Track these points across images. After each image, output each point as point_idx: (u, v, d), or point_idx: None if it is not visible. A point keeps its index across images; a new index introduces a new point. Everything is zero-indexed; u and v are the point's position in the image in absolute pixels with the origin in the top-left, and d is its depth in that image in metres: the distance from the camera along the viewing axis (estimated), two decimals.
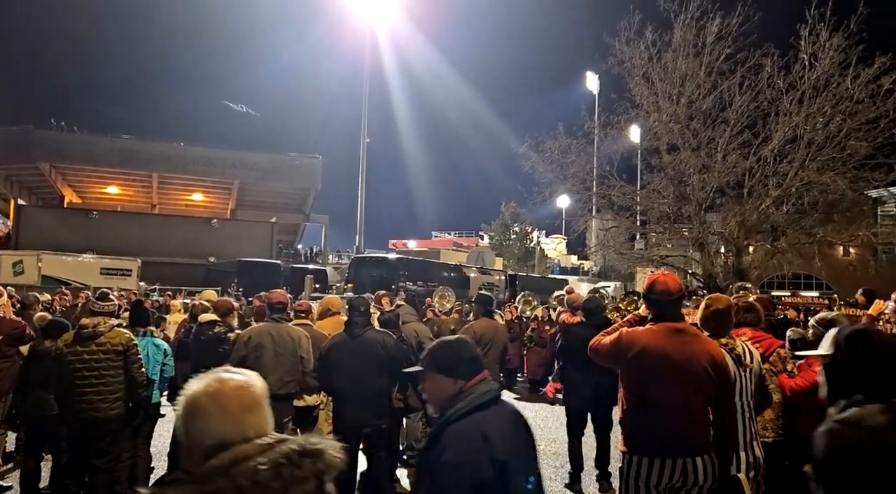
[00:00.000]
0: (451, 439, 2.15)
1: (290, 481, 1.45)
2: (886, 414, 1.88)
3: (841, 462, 1.85)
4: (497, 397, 2.29)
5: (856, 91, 15.13)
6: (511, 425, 2.29)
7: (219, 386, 1.59)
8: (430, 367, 2.33)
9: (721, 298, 4.13)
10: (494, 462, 2.10)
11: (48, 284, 21.59)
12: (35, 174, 37.81)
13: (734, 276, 16.43)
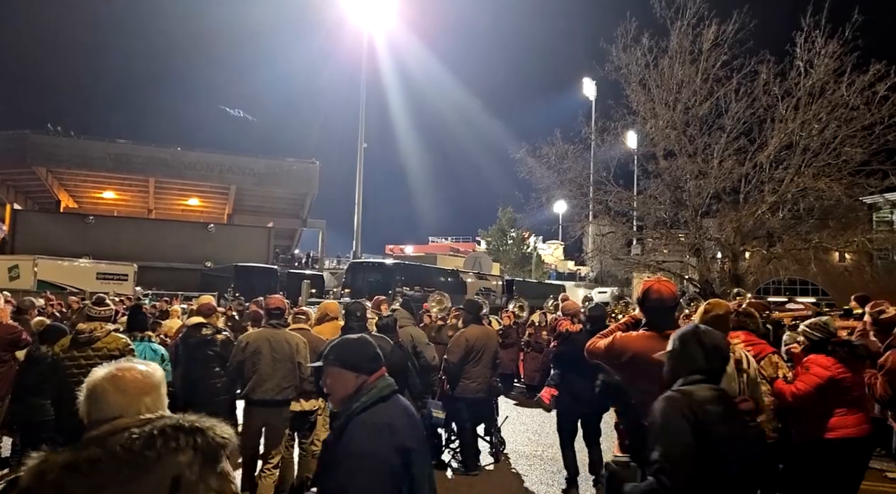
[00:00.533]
0: (360, 430, 2.27)
1: (164, 452, 1.60)
2: (711, 392, 2.46)
3: (672, 421, 2.35)
4: (395, 391, 2.46)
5: (851, 98, 15.20)
6: (409, 417, 2.46)
7: (119, 373, 1.79)
8: (334, 363, 2.45)
9: (721, 304, 4.15)
10: (399, 450, 2.25)
11: (44, 289, 21.54)
12: (31, 179, 37.75)
13: (730, 282, 16.46)
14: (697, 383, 2.49)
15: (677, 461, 2.32)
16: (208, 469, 1.68)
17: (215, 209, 42.57)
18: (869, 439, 4.45)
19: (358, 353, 2.47)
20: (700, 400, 2.41)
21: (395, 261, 30.18)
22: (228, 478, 1.73)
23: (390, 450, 2.25)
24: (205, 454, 1.67)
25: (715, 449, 2.32)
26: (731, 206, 17.44)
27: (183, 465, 1.62)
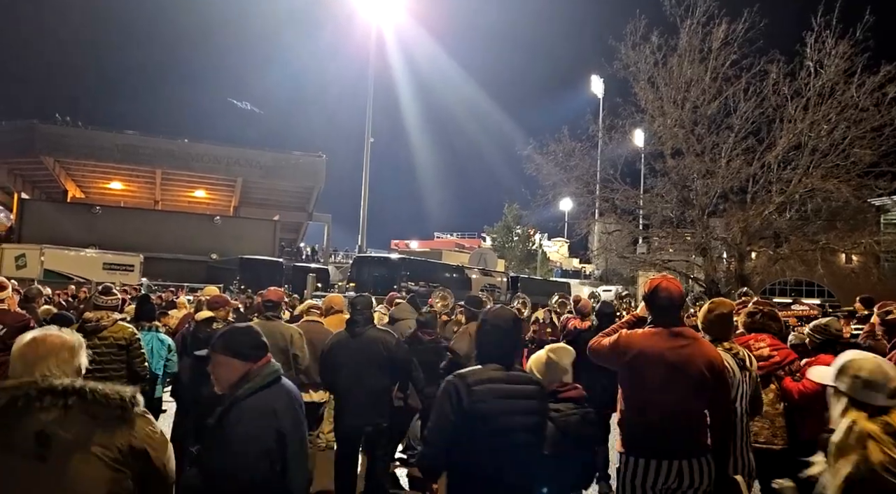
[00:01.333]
0: (246, 414, 2.45)
1: (24, 411, 1.86)
2: (499, 372, 2.74)
3: (440, 401, 2.69)
4: (279, 377, 2.65)
5: (861, 99, 15.12)
6: (290, 401, 2.63)
7: (35, 337, 2.06)
8: (221, 351, 2.63)
9: (725, 302, 4.15)
10: (278, 433, 2.47)
11: (51, 278, 21.66)
12: (39, 168, 37.87)
13: (736, 282, 16.42)
14: (486, 364, 2.78)
15: (435, 434, 2.68)
16: (93, 425, 1.89)
17: (222, 201, 42.65)
18: None
19: (243, 342, 2.64)
20: (473, 381, 2.67)
21: (401, 256, 30.22)
22: (130, 434, 1.95)
23: (270, 433, 2.45)
24: (86, 412, 1.89)
25: (487, 424, 2.61)
26: (738, 206, 17.39)
27: (48, 422, 1.85)
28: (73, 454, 1.87)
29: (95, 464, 1.89)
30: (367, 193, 29.14)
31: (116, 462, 1.93)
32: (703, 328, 3.95)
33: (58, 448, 1.85)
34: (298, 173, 41.30)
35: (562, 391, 3.40)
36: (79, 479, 1.86)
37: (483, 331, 2.94)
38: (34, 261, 24.36)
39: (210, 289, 8.16)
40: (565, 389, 3.40)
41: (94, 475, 1.89)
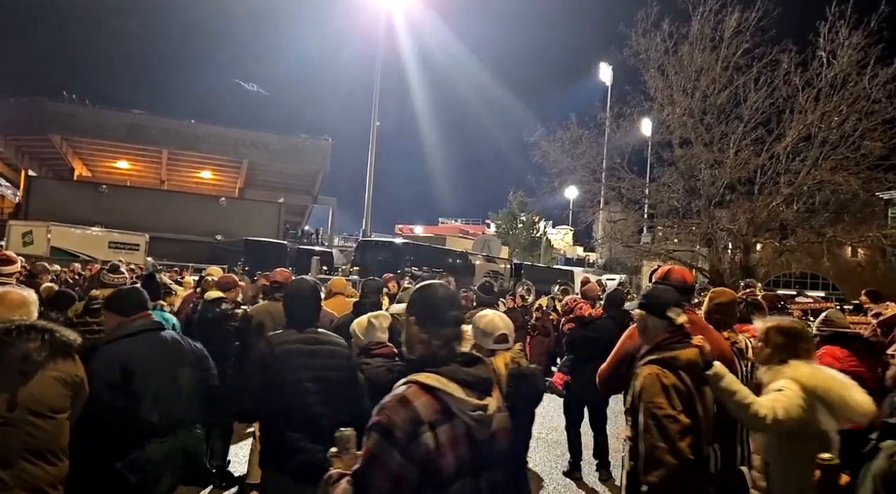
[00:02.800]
0: (97, 355, 3.05)
1: (17, 338, 2.63)
2: (297, 335, 3.35)
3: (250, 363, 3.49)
4: (151, 328, 3.25)
5: (873, 91, 14.96)
6: (156, 346, 3.22)
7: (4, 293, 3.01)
8: (105, 307, 3.43)
9: (725, 292, 4.15)
10: (125, 371, 3.03)
11: (57, 256, 21.76)
12: (46, 146, 37.92)
13: (741, 273, 16.38)
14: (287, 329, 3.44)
15: (248, 388, 3.37)
16: (56, 356, 2.71)
17: (227, 183, 42.67)
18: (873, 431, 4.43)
19: (122, 300, 3.33)
20: (276, 343, 3.30)
21: (405, 241, 30.25)
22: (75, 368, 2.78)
23: (115, 371, 3.02)
24: (53, 346, 2.69)
25: (291, 377, 3.19)
26: (745, 197, 17.29)
27: (31, 349, 2.63)
28: (43, 373, 2.66)
29: (55, 384, 2.69)
30: (372, 177, 29.10)
31: (66, 385, 2.72)
32: (705, 317, 3.95)
33: (34, 368, 2.64)
34: (304, 156, 41.25)
35: (374, 349, 3.81)
36: (44, 392, 2.65)
37: (285, 301, 3.59)
38: (41, 238, 24.47)
39: (214, 270, 8.16)
40: (378, 347, 3.83)
41: (53, 392, 2.68)
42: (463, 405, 1.94)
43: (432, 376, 1.94)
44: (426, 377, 1.94)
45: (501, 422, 2.08)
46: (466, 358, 2.07)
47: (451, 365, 2.00)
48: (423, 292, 2.18)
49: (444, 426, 1.90)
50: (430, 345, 2.04)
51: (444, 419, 1.90)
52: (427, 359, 2.01)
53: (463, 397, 1.95)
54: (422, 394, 1.90)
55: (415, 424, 1.84)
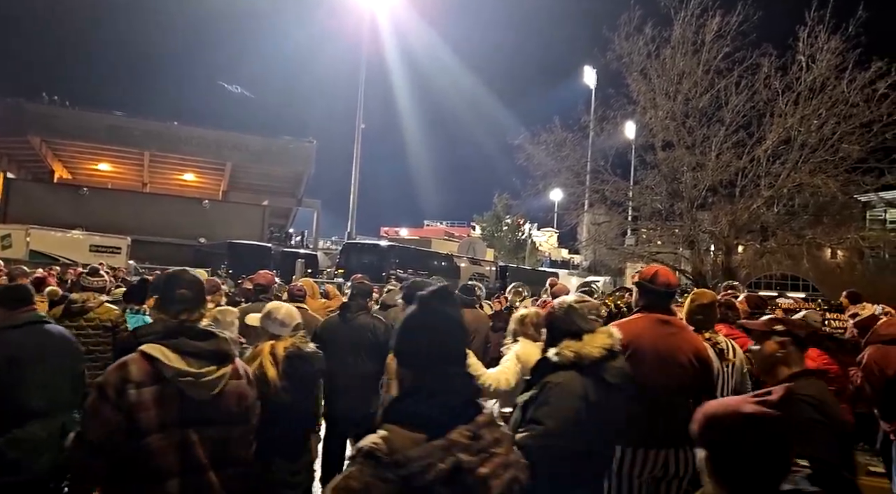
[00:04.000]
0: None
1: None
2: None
3: None
4: (36, 321, 3.58)
5: (851, 94, 15.18)
6: (41, 340, 3.52)
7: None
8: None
9: (706, 293, 4.20)
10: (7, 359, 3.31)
11: (36, 259, 21.47)
12: (25, 148, 37.38)
13: (723, 275, 16.53)
14: None
15: None
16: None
17: (210, 185, 42.33)
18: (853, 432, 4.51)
19: (6, 295, 3.61)
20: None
21: (390, 244, 30.22)
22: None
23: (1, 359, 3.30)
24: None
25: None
26: (726, 199, 17.47)
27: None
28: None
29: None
30: (357, 180, 29.06)
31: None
32: (687, 318, 3.99)
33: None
34: (288, 158, 41.03)
35: None
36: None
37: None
38: (20, 242, 24.11)
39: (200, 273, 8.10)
40: None
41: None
42: (176, 371, 2.38)
43: (156, 346, 2.41)
44: (150, 347, 2.41)
45: (234, 388, 2.54)
46: (197, 333, 2.51)
47: (180, 339, 2.45)
48: (165, 278, 2.74)
49: (152, 387, 2.36)
50: (165, 322, 2.53)
51: (152, 381, 2.37)
52: (161, 333, 2.47)
53: (178, 365, 2.39)
54: (140, 361, 2.38)
55: (123, 383, 2.33)
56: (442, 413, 1.65)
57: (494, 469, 1.65)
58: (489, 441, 1.67)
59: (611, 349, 2.79)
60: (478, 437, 1.65)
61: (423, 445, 1.58)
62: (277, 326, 3.54)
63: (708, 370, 3.41)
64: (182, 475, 2.37)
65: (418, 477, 1.55)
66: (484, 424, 1.69)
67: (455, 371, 1.75)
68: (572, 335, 2.81)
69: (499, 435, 1.72)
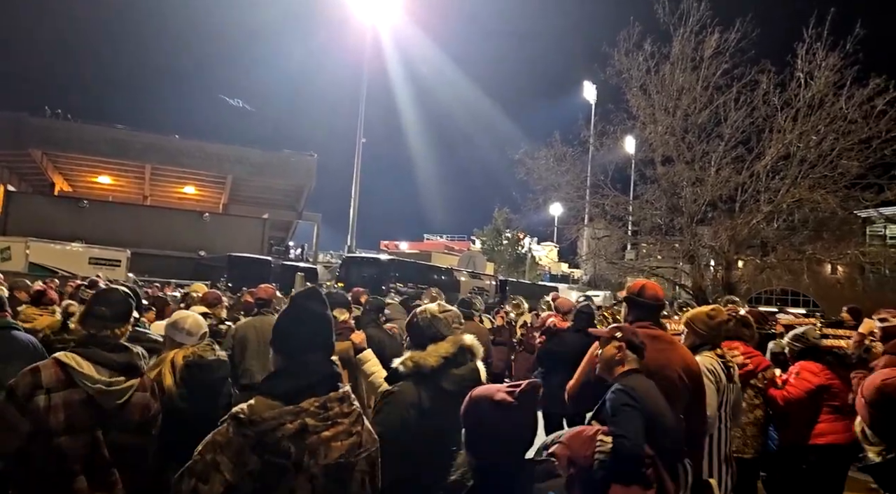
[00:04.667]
0: None
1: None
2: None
3: None
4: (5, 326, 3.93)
5: (849, 111, 15.23)
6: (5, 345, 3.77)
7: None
8: None
9: (721, 310, 4.18)
10: None
11: (36, 272, 21.46)
12: (27, 161, 37.52)
13: (723, 290, 16.49)
14: None
15: None
16: None
17: (211, 198, 42.42)
18: (854, 446, 4.49)
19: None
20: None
21: (390, 257, 30.21)
22: None
23: None
24: None
25: None
26: (726, 215, 17.48)
27: None
28: None
29: None
30: (357, 193, 29.10)
31: None
32: (701, 334, 3.95)
33: None
34: (289, 172, 41.14)
35: None
36: None
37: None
38: (19, 254, 24.10)
39: (198, 286, 8.10)
40: None
41: None
42: (87, 378, 2.63)
43: (71, 355, 2.67)
44: (65, 355, 2.67)
45: (140, 399, 2.83)
46: (112, 346, 2.79)
47: (93, 349, 2.72)
48: (92, 295, 3.05)
49: (63, 392, 2.58)
50: (82, 334, 2.82)
51: (63, 386, 2.59)
52: (77, 342, 2.78)
53: (90, 373, 2.64)
54: (53, 367, 2.64)
55: (34, 388, 2.55)
56: (297, 387, 2.05)
57: (337, 433, 2.03)
58: (337, 412, 2.06)
59: (452, 357, 2.90)
60: (327, 408, 2.03)
61: (277, 409, 1.98)
62: (183, 335, 3.60)
63: (698, 385, 3.38)
64: (89, 474, 2.61)
65: (270, 434, 1.94)
66: (335, 399, 2.07)
67: (313, 357, 2.13)
68: (425, 344, 2.95)
69: (348, 410, 2.10)
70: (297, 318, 2.20)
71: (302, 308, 2.21)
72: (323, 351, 2.17)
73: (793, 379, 4.47)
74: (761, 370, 4.38)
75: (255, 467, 1.93)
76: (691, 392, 3.33)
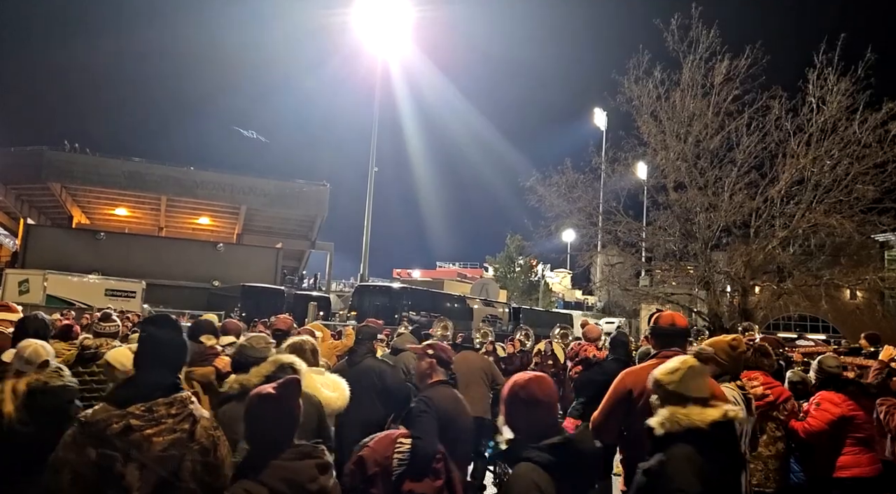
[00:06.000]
0: None
1: None
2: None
3: None
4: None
5: (863, 135, 15.17)
6: None
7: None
8: None
9: (742, 340, 4.11)
10: None
11: (53, 304, 21.65)
12: (46, 194, 38.09)
13: (740, 316, 16.30)
14: None
15: None
16: None
17: (225, 228, 42.75)
18: (880, 480, 4.36)
19: None
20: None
21: (402, 286, 30.18)
22: None
23: None
24: None
25: None
26: (741, 240, 17.35)
27: None
28: None
29: None
30: (370, 222, 29.24)
31: None
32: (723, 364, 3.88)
33: None
34: (302, 202, 41.44)
35: None
36: None
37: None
38: (37, 287, 24.35)
39: (210, 317, 8.10)
40: None
41: None
42: None
43: None
44: None
45: None
46: None
47: None
48: None
49: None
50: None
51: None
52: None
53: None
54: None
55: None
56: (128, 395, 2.52)
57: (160, 431, 2.46)
58: (163, 414, 2.49)
59: (269, 376, 3.27)
60: (152, 411, 2.48)
61: (108, 412, 2.45)
62: (23, 364, 3.74)
63: None
64: None
65: (101, 432, 2.41)
66: (163, 404, 2.51)
67: (154, 372, 2.60)
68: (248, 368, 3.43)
69: (175, 411, 2.53)
70: (142, 339, 2.72)
71: (146, 331, 2.76)
72: (165, 367, 2.63)
73: (813, 409, 4.37)
74: (782, 401, 4.27)
75: (93, 458, 2.39)
76: None
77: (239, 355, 3.56)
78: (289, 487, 2.32)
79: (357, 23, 31.18)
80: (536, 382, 2.57)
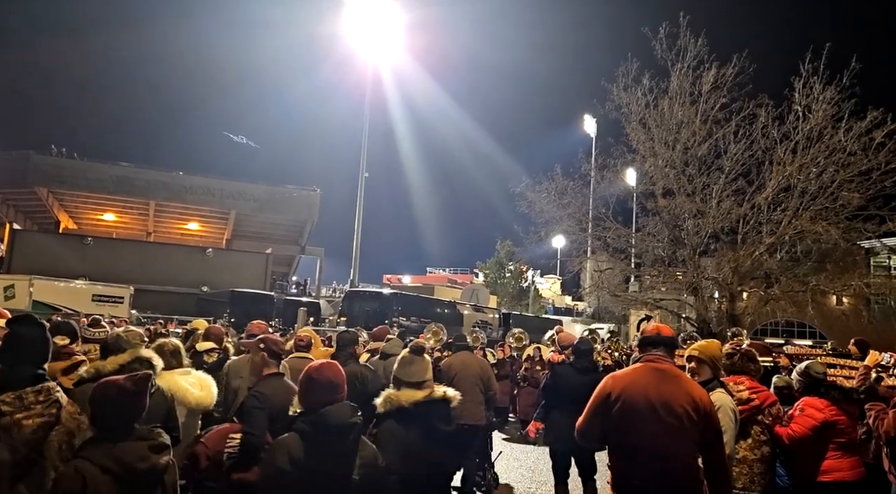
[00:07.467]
0: None
1: None
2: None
3: None
4: None
5: (848, 143, 15.36)
6: None
7: None
8: None
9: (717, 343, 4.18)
10: None
11: (39, 309, 21.44)
12: (32, 199, 37.78)
13: (727, 322, 16.43)
14: None
15: None
16: None
17: (214, 234, 42.54)
18: (863, 483, 4.40)
19: None
20: None
21: (393, 291, 30.14)
22: None
23: None
24: None
25: None
26: (729, 246, 17.49)
27: None
28: None
29: None
30: (360, 228, 29.21)
31: None
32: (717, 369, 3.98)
33: None
34: (292, 207, 41.32)
35: None
36: None
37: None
38: (22, 292, 24.11)
39: (199, 322, 8.07)
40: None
41: None
42: None
43: None
44: None
45: None
46: None
47: None
48: None
49: None
50: None
51: None
52: None
53: None
54: None
55: None
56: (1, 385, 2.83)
57: (29, 415, 2.79)
58: (32, 401, 2.83)
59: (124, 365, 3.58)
60: (22, 398, 2.81)
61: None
62: None
63: (710, 421, 3.31)
64: None
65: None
66: (31, 392, 2.85)
67: (22, 366, 2.91)
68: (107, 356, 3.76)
69: (44, 398, 2.87)
70: (8, 336, 3.01)
71: (11, 329, 3.04)
72: (29, 362, 2.95)
73: (797, 415, 4.41)
74: (767, 405, 4.30)
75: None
76: (702, 427, 3.24)
77: (113, 342, 3.83)
78: (117, 465, 2.47)
79: (348, 28, 31.24)
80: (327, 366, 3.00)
